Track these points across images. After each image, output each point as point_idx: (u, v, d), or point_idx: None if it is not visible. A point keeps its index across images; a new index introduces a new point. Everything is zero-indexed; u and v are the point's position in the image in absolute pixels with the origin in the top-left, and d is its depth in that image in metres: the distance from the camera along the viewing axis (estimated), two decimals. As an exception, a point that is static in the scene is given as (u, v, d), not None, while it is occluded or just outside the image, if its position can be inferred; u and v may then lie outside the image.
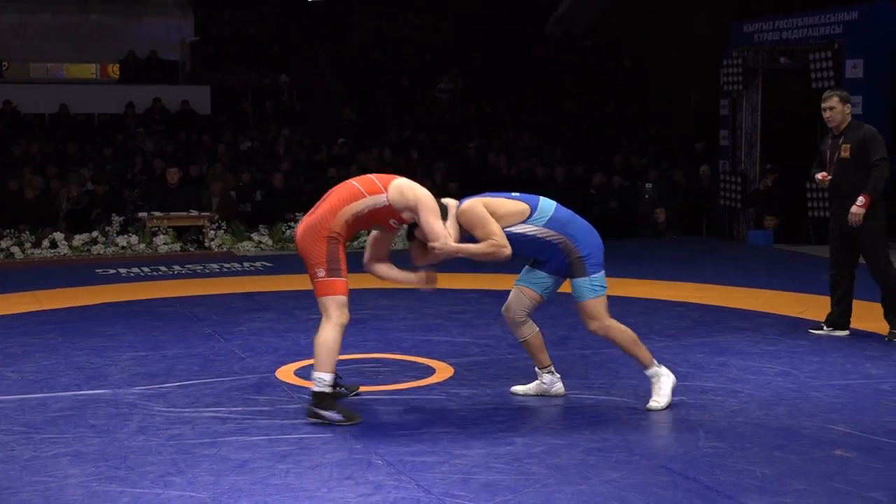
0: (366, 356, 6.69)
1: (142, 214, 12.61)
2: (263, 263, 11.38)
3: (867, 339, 7.13)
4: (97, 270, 10.84)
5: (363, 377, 6.10)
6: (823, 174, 7.31)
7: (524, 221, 5.16)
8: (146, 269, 10.85)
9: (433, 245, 5.03)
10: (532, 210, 5.17)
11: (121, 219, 12.46)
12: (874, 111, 11.62)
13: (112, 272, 10.73)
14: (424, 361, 6.51)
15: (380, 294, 9.09)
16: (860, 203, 6.98)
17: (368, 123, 18.08)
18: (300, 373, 6.10)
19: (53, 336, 7.35)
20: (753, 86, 14.50)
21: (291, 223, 12.98)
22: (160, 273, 10.63)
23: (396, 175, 5.25)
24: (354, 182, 5.18)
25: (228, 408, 5.40)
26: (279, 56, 20.52)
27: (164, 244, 12.16)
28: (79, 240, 12.17)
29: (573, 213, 5.33)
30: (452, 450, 4.67)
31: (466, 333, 7.37)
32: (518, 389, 5.69)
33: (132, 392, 5.76)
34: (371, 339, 7.19)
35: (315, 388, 5.11)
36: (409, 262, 5.39)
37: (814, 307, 8.28)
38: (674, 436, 4.89)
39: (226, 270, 10.88)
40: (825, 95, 7.36)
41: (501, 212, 5.13)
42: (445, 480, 4.27)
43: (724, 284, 9.67)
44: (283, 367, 6.31)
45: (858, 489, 4.17)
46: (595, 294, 5.22)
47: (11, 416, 5.28)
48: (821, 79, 13.09)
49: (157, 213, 12.52)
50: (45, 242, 12.05)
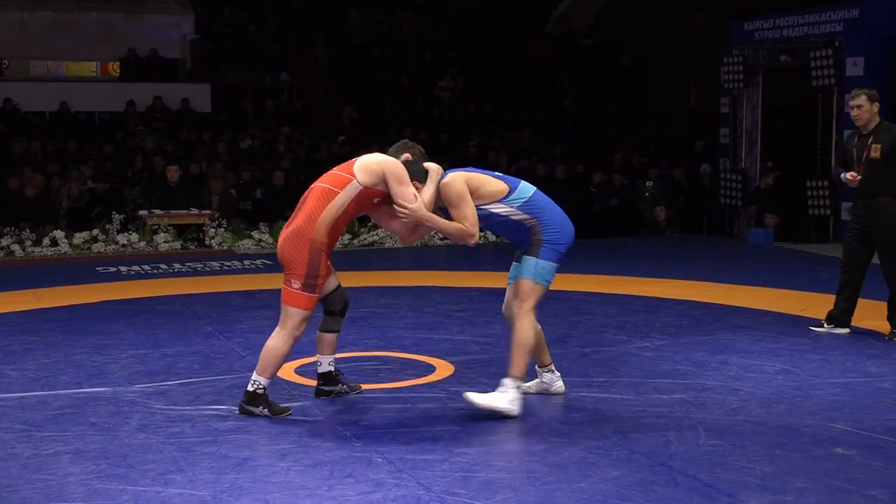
0: (366, 354, 6.69)
1: (142, 212, 12.61)
2: (264, 261, 11.39)
3: (867, 338, 7.13)
4: (97, 268, 10.84)
5: (363, 375, 6.11)
6: (853, 174, 7.05)
7: (500, 200, 5.17)
8: (147, 267, 10.85)
9: (400, 208, 5.05)
10: (511, 191, 5.18)
11: (121, 217, 12.46)
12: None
13: (112, 270, 10.73)
14: (425, 359, 6.51)
15: (380, 292, 9.10)
16: None
17: (368, 122, 18.08)
18: (300, 371, 6.11)
19: (54, 334, 7.35)
20: (754, 84, 14.50)
21: (292, 222, 12.99)
22: (161, 271, 10.63)
23: (354, 158, 5.22)
24: (322, 183, 5.16)
25: (229, 406, 5.40)
26: (279, 54, 20.51)
27: (165, 242, 12.16)
28: (79, 238, 12.18)
29: (551, 203, 5.30)
30: (453, 448, 4.68)
31: (467, 331, 7.37)
32: (522, 386, 5.65)
33: (133, 390, 5.76)
34: (371, 337, 7.19)
35: (249, 388, 5.20)
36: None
37: (814, 305, 8.28)
38: (674, 434, 4.89)
39: (226, 268, 10.88)
40: (853, 94, 7.14)
41: (483, 190, 5.14)
42: (446, 478, 4.27)
43: (725, 282, 9.67)
44: (284, 365, 6.29)
45: (859, 487, 4.17)
46: (534, 278, 5.16)
47: (12, 414, 5.28)
48: (821, 77, 13.09)
49: (158, 211, 12.52)
50: (46, 240, 12.06)
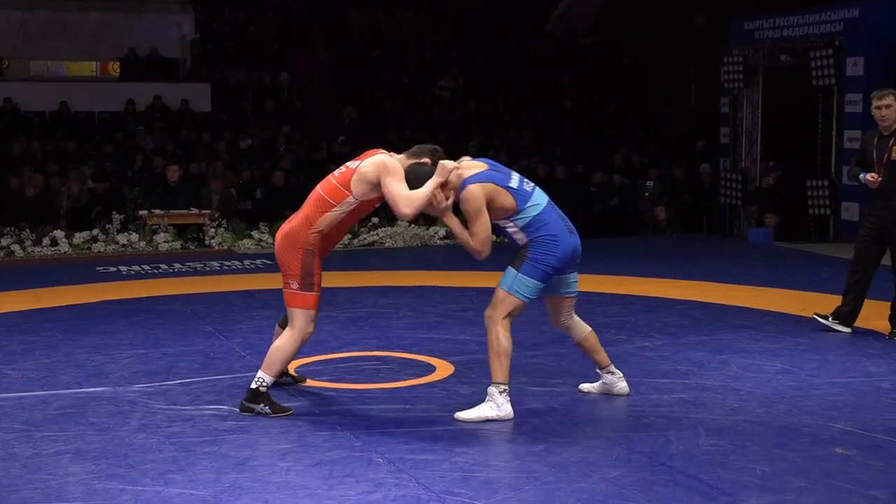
0: (366, 354, 6.68)
1: (142, 212, 12.60)
2: (264, 261, 11.38)
3: (868, 338, 7.13)
4: (97, 268, 10.83)
5: (363, 375, 6.11)
6: (874, 175, 6.97)
7: (506, 217, 5.21)
8: (146, 267, 10.84)
9: (398, 213, 5.15)
10: (517, 210, 5.17)
11: (121, 216, 12.45)
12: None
13: (112, 270, 10.73)
14: (425, 359, 6.51)
15: (380, 292, 9.10)
16: None
17: (369, 122, 18.07)
18: (301, 370, 6.10)
19: (54, 334, 7.35)
20: (754, 83, 14.50)
21: (292, 221, 12.98)
22: (160, 271, 10.63)
23: (352, 167, 5.20)
24: (322, 191, 5.20)
25: (229, 405, 5.39)
26: (279, 54, 20.50)
27: (165, 242, 12.15)
28: (79, 238, 12.17)
29: (557, 222, 5.23)
30: (453, 448, 4.68)
31: (467, 331, 7.36)
32: (584, 387, 5.70)
33: (133, 390, 5.76)
34: (371, 337, 7.19)
35: (253, 385, 5.22)
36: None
37: (815, 305, 8.27)
38: (674, 434, 4.89)
39: (226, 268, 10.88)
40: (880, 94, 7.00)
41: (495, 204, 5.16)
42: (446, 478, 4.27)
43: (725, 282, 9.67)
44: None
45: (859, 487, 4.17)
46: (510, 290, 5.16)
47: (12, 414, 5.28)
48: (821, 76, 13.09)
49: (158, 211, 12.51)
50: (46, 240, 12.05)
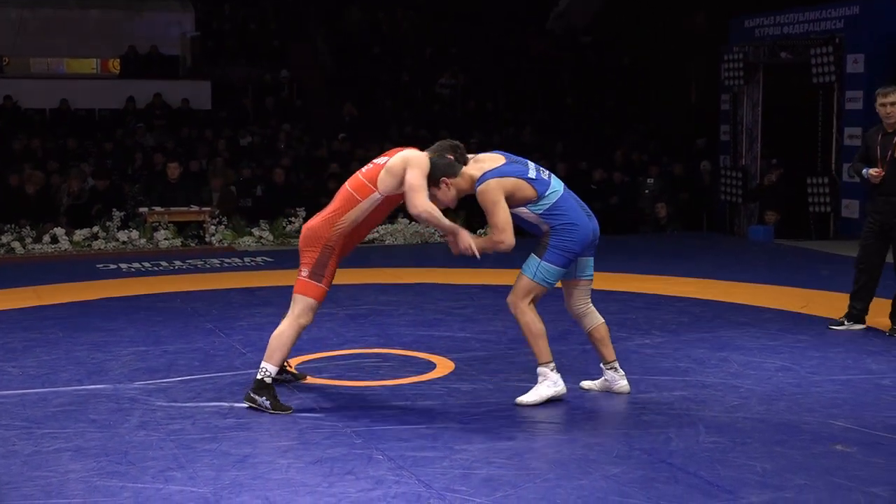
0: (366, 351, 6.69)
1: (142, 209, 12.60)
2: (264, 258, 11.39)
3: (868, 335, 7.13)
4: (98, 265, 10.83)
5: (364, 372, 6.11)
6: (877, 170, 6.98)
7: (525, 205, 5.25)
8: (147, 265, 10.84)
9: (408, 203, 5.14)
10: (538, 196, 5.24)
11: (121, 214, 12.45)
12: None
13: (113, 267, 10.72)
14: (425, 357, 6.51)
15: (380, 289, 9.10)
16: None
17: (369, 119, 18.07)
18: (301, 368, 6.10)
19: (54, 331, 7.35)
20: (754, 81, 14.49)
21: (292, 218, 12.98)
22: (161, 268, 10.63)
23: (380, 163, 5.26)
24: (350, 186, 5.29)
25: (229, 403, 5.40)
26: (280, 51, 20.50)
27: (165, 239, 12.16)
28: (79, 235, 12.17)
29: (576, 208, 5.34)
30: (453, 445, 4.68)
31: (467, 328, 7.36)
32: (585, 384, 5.69)
33: (133, 387, 5.76)
34: (371, 335, 7.19)
35: (258, 376, 5.26)
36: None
37: (814, 302, 8.28)
38: (674, 431, 4.89)
39: (226, 265, 10.88)
40: (886, 91, 7.01)
41: (514, 196, 5.21)
42: (446, 475, 4.28)
43: (725, 279, 9.66)
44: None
45: (859, 484, 4.17)
46: (534, 277, 5.24)
47: (12, 411, 5.28)
48: (822, 74, 13.09)
49: (158, 209, 12.51)
50: (46, 237, 12.05)
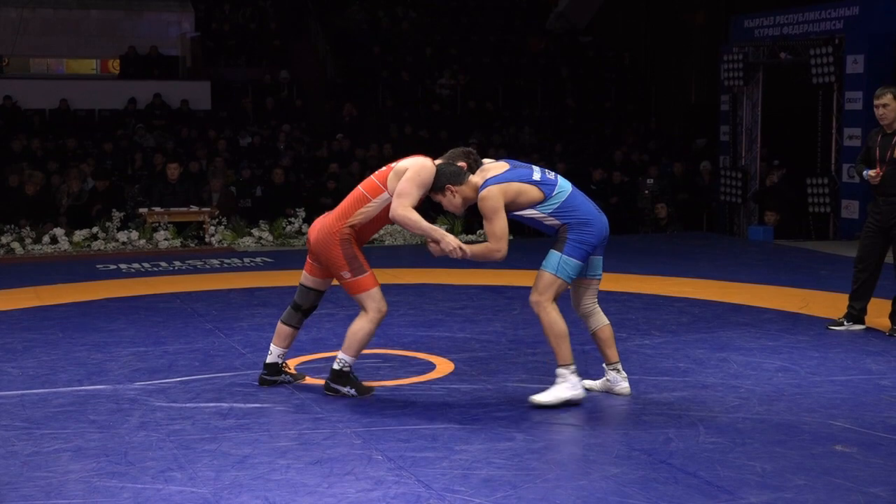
0: (366, 351, 6.66)
1: (142, 210, 12.61)
2: (264, 259, 11.39)
3: (868, 335, 7.13)
4: (97, 266, 10.83)
5: (364, 373, 6.10)
6: (877, 171, 7.02)
7: (533, 206, 5.26)
8: (146, 265, 10.84)
9: (392, 207, 5.25)
10: (545, 197, 5.25)
11: (121, 214, 12.46)
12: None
13: (112, 268, 10.72)
14: (425, 357, 6.51)
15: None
16: None
17: (369, 119, 18.07)
18: (301, 368, 6.10)
19: (54, 332, 7.35)
20: (754, 81, 14.50)
21: (291, 219, 12.99)
22: (160, 268, 10.63)
23: (392, 166, 5.42)
24: (362, 187, 5.45)
25: (229, 403, 5.40)
26: (280, 51, 20.51)
27: (165, 240, 12.16)
28: (79, 235, 12.18)
29: (585, 202, 5.35)
30: (453, 445, 4.68)
31: (467, 329, 7.36)
32: (586, 384, 5.65)
33: (133, 387, 5.76)
34: (371, 335, 7.18)
35: (335, 366, 5.42)
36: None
37: (814, 302, 8.28)
38: (674, 431, 4.89)
39: (226, 266, 10.88)
40: (878, 92, 7.06)
41: (520, 199, 5.23)
42: (446, 476, 4.28)
43: (725, 280, 9.67)
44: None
45: (859, 484, 4.17)
46: (556, 272, 5.24)
47: (12, 412, 5.28)
48: (821, 74, 13.10)
49: (158, 209, 12.52)
50: (46, 238, 12.06)
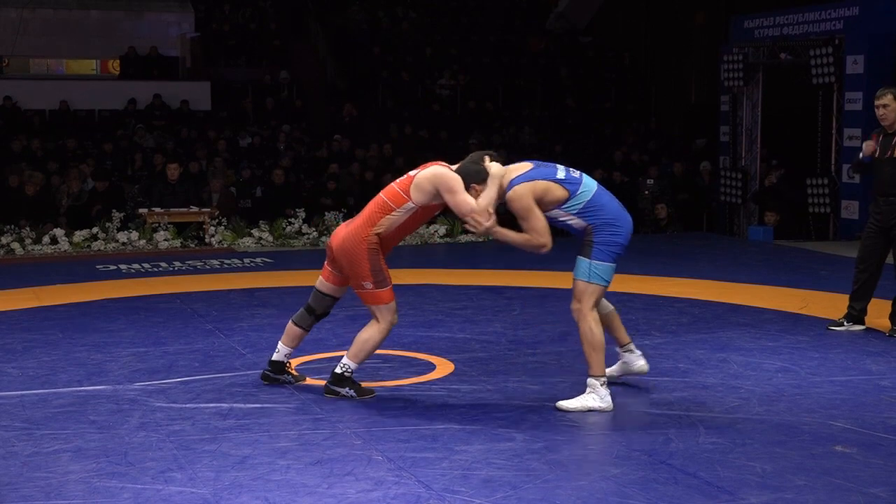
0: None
1: (142, 210, 12.61)
2: (264, 259, 11.39)
3: (868, 336, 7.13)
4: (97, 266, 10.83)
5: (364, 373, 6.10)
6: (871, 143, 7.05)
7: (558, 207, 5.26)
8: (146, 265, 10.84)
9: (466, 224, 5.26)
10: (570, 196, 5.24)
11: (121, 215, 12.45)
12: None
13: (112, 268, 10.72)
14: (425, 357, 6.51)
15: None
16: None
17: (369, 119, 18.08)
18: (301, 369, 6.10)
19: (54, 332, 7.35)
20: (754, 81, 14.50)
21: (291, 219, 12.98)
22: (160, 269, 10.63)
23: (412, 175, 5.38)
24: (384, 195, 5.41)
25: (229, 404, 5.40)
26: (279, 52, 20.51)
27: (165, 240, 12.16)
28: (79, 236, 12.18)
29: (611, 201, 5.34)
30: (453, 446, 4.68)
31: (467, 329, 7.36)
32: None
33: (133, 388, 5.76)
34: (371, 335, 7.18)
35: (337, 370, 5.44)
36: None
37: (814, 303, 8.28)
38: (674, 432, 4.89)
39: (226, 266, 10.88)
40: (879, 93, 7.07)
41: (545, 199, 5.22)
42: (446, 476, 4.28)
43: (725, 280, 9.67)
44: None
45: (859, 485, 4.17)
46: (589, 279, 5.24)
47: (12, 412, 5.28)
48: (821, 74, 13.10)
49: (158, 209, 12.52)
50: (46, 238, 12.05)
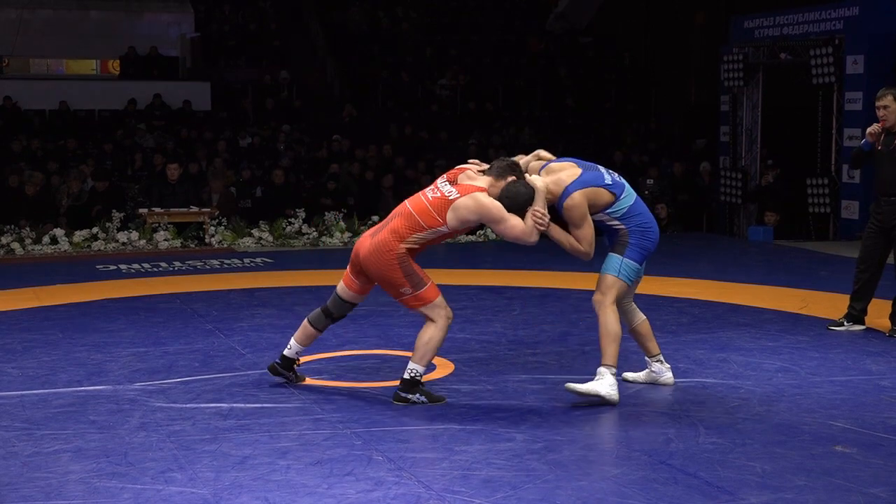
0: (366, 352, 6.69)
1: (142, 210, 12.61)
2: (263, 259, 11.39)
3: (868, 336, 7.13)
4: (97, 266, 10.83)
5: (364, 374, 6.11)
6: (874, 129, 7.05)
7: (603, 210, 5.44)
8: (146, 266, 10.84)
9: (538, 225, 5.31)
10: (616, 199, 5.44)
11: (121, 215, 12.45)
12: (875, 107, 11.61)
13: (112, 268, 10.72)
14: (425, 357, 6.49)
15: (379, 290, 9.07)
16: None
17: (369, 120, 18.07)
18: (301, 369, 6.09)
19: (54, 332, 7.35)
20: (754, 82, 14.50)
21: (291, 219, 12.98)
22: (160, 269, 10.63)
23: (447, 196, 5.32)
24: (414, 210, 5.37)
25: (229, 404, 5.40)
26: (279, 52, 20.51)
27: (165, 240, 12.16)
28: (79, 236, 12.17)
29: (645, 207, 5.57)
30: (453, 446, 4.68)
31: (467, 330, 7.36)
32: (629, 376, 5.83)
33: (133, 388, 5.76)
34: (371, 336, 7.19)
35: (405, 376, 5.40)
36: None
37: (814, 303, 8.28)
38: (674, 431, 4.89)
39: (226, 266, 10.88)
40: (880, 94, 7.06)
41: (596, 203, 5.41)
42: (445, 477, 4.28)
43: (725, 280, 9.67)
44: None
45: (858, 485, 4.17)
46: (618, 274, 5.44)
47: (12, 413, 5.28)
48: (821, 75, 13.10)
49: (158, 209, 12.51)
50: (46, 238, 12.05)
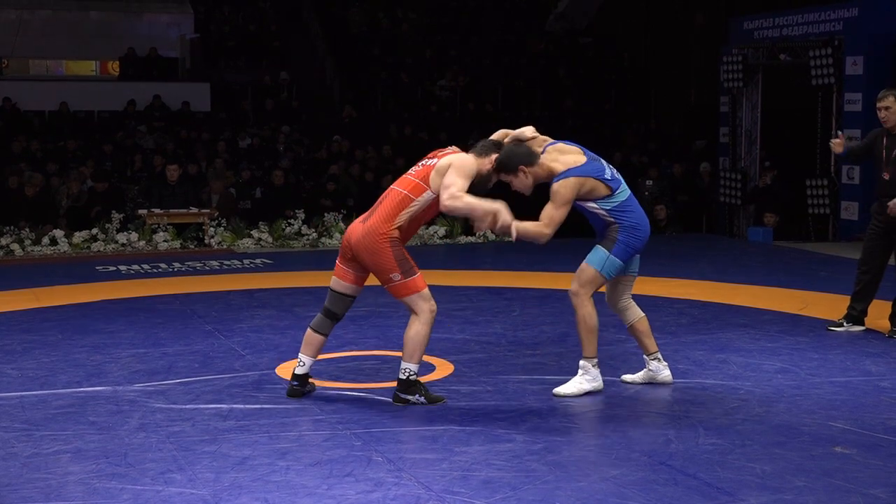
0: (366, 353, 6.69)
1: (142, 211, 12.60)
2: (263, 260, 11.39)
3: (867, 337, 7.13)
4: (97, 267, 10.83)
5: (363, 374, 6.11)
6: (840, 141, 7.11)
7: (597, 200, 5.42)
8: (146, 266, 10.84)
9: (441, 199, 5.21)
10: (612, 192, 5.43)
11: (121, 216, 12.45)
12: (875, 108, 11.61)
13: (112, 269, 10.72)
14: (424, 358, 6.47)
15: (379, 291, 9.07)
16: None
17: (368, 121, 18.08)
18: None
19: (53, 333, 7.35)
20: (753, 82, 14.50)
21: (291, 220, 12.98)
22: (160, 270, 10.63)
23: (430, 164, 5.34)
24: (399, 188, 5.37)
25: (229, 405, 5.40)
26: (279, 53, 20.52)
27: (164, 241, 12.15)
28: (79, 237, 12.17)
29: (637, 205, 5.56)
30: (452, 447, 4.68)
31: (466, 330, 7.36)
32: (627, 378, 5.83)
33: (132, 389, 5.76)
34: (371, 336, 7.19)
35: (401, 376, 5.39)
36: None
37: (813, 304, 8.28)
38: (673, 433, 4.89)
39: (225, 267, 10.88)
40: (881, 95, 7.06)
41: (593, 193, 5.40)
42: (445, 477, 4.28)
43: (724, 281, 9.67)
44: (284, 364, 6.31)
45: (858, 486, 4.17)
46: (601, 269, 5.44)
47: (12, 413, 5.28)
48: (821, 76, 13.10)
49: (157, 210, 12.51)
50: (45, 239, 12.05)
